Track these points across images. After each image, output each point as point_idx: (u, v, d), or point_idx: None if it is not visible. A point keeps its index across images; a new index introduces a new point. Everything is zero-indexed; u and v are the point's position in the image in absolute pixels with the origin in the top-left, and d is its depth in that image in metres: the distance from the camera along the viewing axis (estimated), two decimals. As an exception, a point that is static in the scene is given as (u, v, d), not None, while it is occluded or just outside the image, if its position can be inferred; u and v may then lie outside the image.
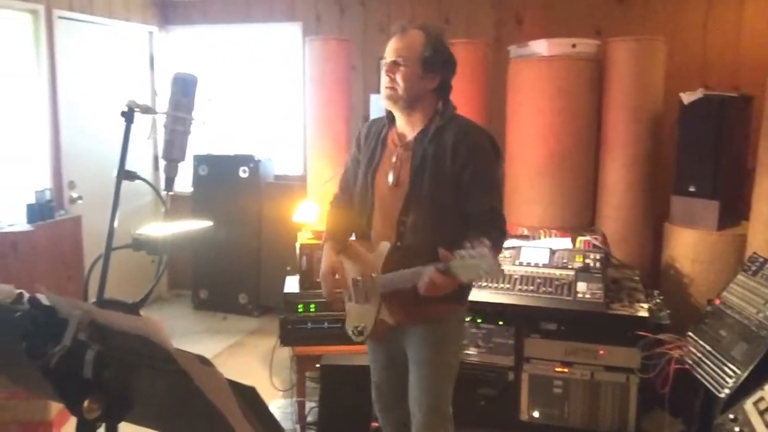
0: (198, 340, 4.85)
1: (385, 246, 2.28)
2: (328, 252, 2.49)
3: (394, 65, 2.27)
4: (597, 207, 4.08)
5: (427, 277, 2.06)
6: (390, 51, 2.30)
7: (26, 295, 1.36)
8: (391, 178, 2.33)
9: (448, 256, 2.01)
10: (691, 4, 4.38)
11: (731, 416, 2.50)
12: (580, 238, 3.66)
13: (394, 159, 2.34)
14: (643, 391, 3.25)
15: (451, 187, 2.24)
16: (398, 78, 2.25)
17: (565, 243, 3.64)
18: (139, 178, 2.11)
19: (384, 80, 2.30)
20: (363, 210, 2.42)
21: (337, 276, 2.43)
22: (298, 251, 3.66)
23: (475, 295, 3.12)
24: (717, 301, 3.13)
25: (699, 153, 3.63)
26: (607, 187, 3.98)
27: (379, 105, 4.46)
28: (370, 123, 2.54)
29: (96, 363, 1.21)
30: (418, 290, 2.10)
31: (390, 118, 2.41)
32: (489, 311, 3.38)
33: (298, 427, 3.50)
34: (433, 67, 2.26)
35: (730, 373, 2.74)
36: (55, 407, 3.44)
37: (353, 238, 2.54)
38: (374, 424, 3.10)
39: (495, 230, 2.19)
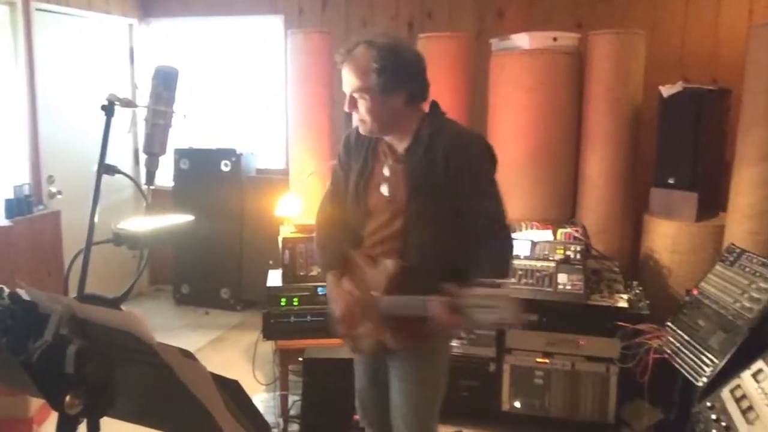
0: (180, 335, 4.83)
1: (388, 265, 2.10)
2: (333, 285, 2.28)
3: (351, 100, 2.10)
4: (578, 199, 4.11)
5: (435, 313, 1.91)
6: (343, 84, 2.11)
7: (6, 290, 1.35)
8: (385, 190, 2.18)
9: (454, 291, 1.88)
10: (670, -3, 4.42)
11: (709, 404, 2.55)
12: (561, 230, 3.69)
13: (386, 171, 2.19)
14: (623, 381, 3.29)
15: (451, 201, 2.09)
16: (361, 111, 2.10)
17: (547, 235, 3.67)
18: (119, 172, 2.09)
19: (349, 111, 2.14)
20: (356, 222, 2.27)
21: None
22: (280, 245, 3.66)
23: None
24: (695, 292, 3.18)
25: (678, 145, 3.67)
26: (588, 180, 4.01)
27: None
28: (356, 129, 2.27)
29: (78, 358, 1.21)
30: (426, 320, 1.95)
31: None
32: (471, 303, 3.40)
33: (281, 420, 3.51)
34: (393, 86, 2.05)
35: (708, 362, 2.78)
36: (35, 404, 3.41)
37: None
38: (357, 417, 3.11)
39: (502, 241, 2.10)
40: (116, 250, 2.24)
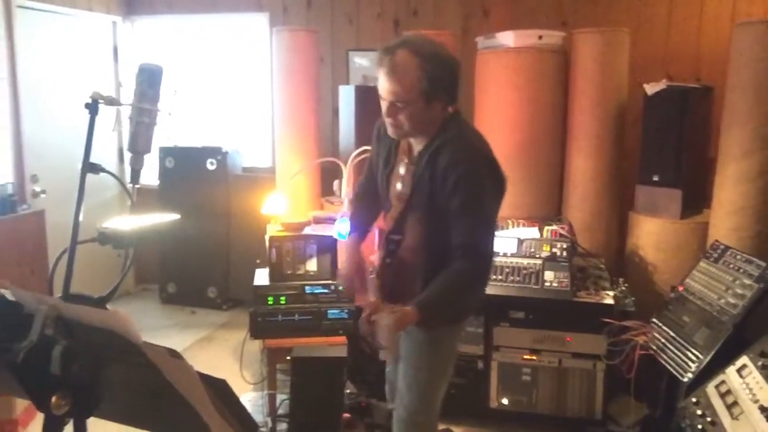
0: (166, 335, 4.81)
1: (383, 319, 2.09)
2: (351, 247, 2.50)
3: (392, 108, 2.11)
4: (563, 197, 4.13)
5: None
6: (384, 91, 2.10)
7: (-10, 291, 1.34)
8: (399, 187, 2.30)
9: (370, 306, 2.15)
10: (654, -4, 4.45)
11: (694, 400, 2.57)
12: (547, 228, 3.70)
13: (402, 170, 2.29)
14: (609, 377, 3.31)
15: (442, 213, 2.14)
16: (401, 118, 2.12)
17: (533, 233, 3.68)
18: (104, 170, 2.08)
19: (386, 118, 2.16)
20: (385, 208, 2.43)
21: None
22: (267, 243, 3.64)
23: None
24: (680, 288, 3.20)
25: (662, 143, 3.70)
26: (573, 177, 4.03)
27: (347, 96, 4.46)
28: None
29: (64, 358, 1.20)
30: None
31: None
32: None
33: (269, 419, 3.49)
34: (437, 95, 2.09)
35: (693, 358, 2.81)
36: (20, 405, 3.38)
37: None
38: (346, 416, 3.11)
39: (461, 272, 2.12)
40: (101, 249, 2.22)
